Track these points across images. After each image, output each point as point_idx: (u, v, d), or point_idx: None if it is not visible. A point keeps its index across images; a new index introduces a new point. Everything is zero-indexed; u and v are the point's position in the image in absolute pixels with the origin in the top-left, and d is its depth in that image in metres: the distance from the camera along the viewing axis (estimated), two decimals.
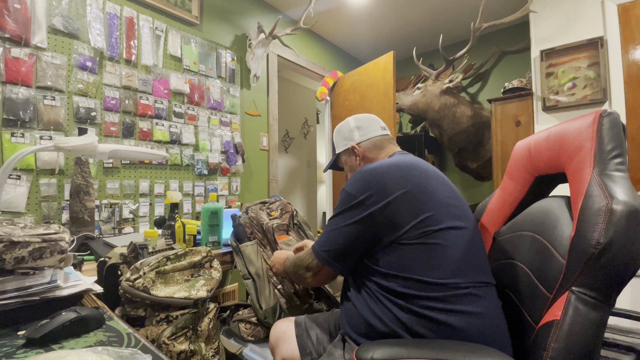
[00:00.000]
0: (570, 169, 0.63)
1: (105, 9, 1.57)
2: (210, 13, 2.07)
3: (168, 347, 0.77)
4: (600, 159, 0.56)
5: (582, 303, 0.51)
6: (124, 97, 1.62)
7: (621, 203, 0.49)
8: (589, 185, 0.55)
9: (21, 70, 1.30)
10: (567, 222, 0.62)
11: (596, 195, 0.53)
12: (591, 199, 0.53)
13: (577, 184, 0.59)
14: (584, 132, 0.61)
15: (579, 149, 0.61)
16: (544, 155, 0.72)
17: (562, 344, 0.50)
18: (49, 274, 0.61)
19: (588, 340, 0.49)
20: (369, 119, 0.96)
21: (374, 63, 2.64)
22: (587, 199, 0.54)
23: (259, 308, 1.18)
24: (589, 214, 0.52)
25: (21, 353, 0.47)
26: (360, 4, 2.54)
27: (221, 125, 2.08)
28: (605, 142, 0.57)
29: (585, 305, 0.51)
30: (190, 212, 1.92)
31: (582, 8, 2.01)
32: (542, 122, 2.15)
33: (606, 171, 0.55)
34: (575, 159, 0.61)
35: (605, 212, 0.50)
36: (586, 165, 0.58)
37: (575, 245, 0.53)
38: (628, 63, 1.85)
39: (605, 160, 0.56)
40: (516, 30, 2.77)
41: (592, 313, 0.50)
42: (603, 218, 0.49)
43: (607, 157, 0.56)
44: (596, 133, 0.58)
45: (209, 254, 0.96)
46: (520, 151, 0.81)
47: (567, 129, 0.66)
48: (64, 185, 1.42)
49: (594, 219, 0.51)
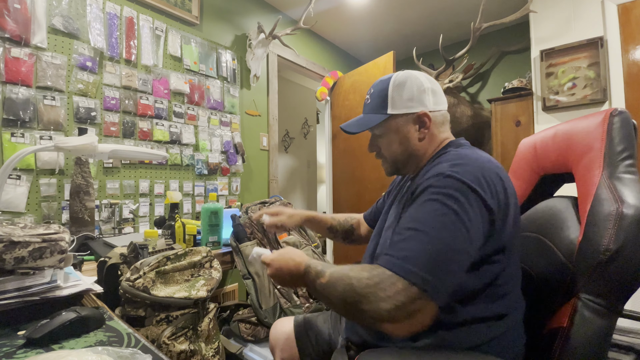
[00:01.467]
0: (579, 170, 0.61)
1: (105, 9, 1.57)
2: (210, 13, 2.07)
3: (168, 347, 0.77)
4: (610, 160, 0.54)
5: (589, 310, 0.49)
6: (124, 97, 1.62)
7: (632, 207, 0.47)
8: (598, 187, 0.53)
9: (21, 70, 1.30)
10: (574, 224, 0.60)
11: (606, 198, 0.50)
12: (600, 202, 0.51)
13: (586, 185, 0.57)
14: (594, 131, 0.58)
15: (588, 149, 0.59)
16: (551, 154, 0.69)
17: (567, 352, 0.49)
18: (49, 274, 0.61)
19: (594, 349, 0.48)
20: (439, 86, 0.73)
21: (374, 63, 2.64)
22: (596, 202, 0.52)
23: (259, 308, 1.18)
24: (598, 218, 0.50)
25: (21, 353, 0.47)
26: (360, 4, 2.53)
27: (221, 125, 2.08)
28: (615, 143, 0.55)
29: (593, 312, 0.49)
30: (190, 212, 1.92)
31: (582, 8, 2.01)
32: (542, 122, 2.15)
33: (616, 173, 0.53)
34: (584, 160, 0.59)
35: (616, 216, 0.47)
36: (595, 167, 0.56)
37: (583, 251, 0.51)
38: (628, 63, 1.85)
39: (616, 161, 0.54)
40: (516, 30, 2.77)
41: (599, 321, 0.48)
42: (613, 223, 0.47)
43: (618, 159, 0.54)
44: (606, 133, 0.56)
45: (209, 254, 0.96)
46: (526, 149, 0.79)
47: (576, 127, 0.63)
48: (64, 185, 1.42)
49: (603, 224, 0.48)
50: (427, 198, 0.54)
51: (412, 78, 0.69)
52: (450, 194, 0.52)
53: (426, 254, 0.49)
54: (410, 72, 0.70)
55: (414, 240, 0.51)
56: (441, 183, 0.54)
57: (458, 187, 0.52)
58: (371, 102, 0.71)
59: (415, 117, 0.67)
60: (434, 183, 0.55)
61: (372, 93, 0.72)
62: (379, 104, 0.69)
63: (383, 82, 0.70)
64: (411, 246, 0.51)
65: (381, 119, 0.68)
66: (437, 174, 0.56)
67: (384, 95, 0.69)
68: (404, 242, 0.52)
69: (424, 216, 0.53)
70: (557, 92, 2.07)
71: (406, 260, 0.49)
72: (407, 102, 0.67)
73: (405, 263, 0.49)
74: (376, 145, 0.73)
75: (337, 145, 3.04)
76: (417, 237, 0.51)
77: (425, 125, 0.67)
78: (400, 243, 0.52)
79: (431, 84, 0.69)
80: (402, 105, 0.67)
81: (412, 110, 0.67)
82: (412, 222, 0.54)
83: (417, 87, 0.68)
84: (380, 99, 0.69)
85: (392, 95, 0.68)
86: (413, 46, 3.15)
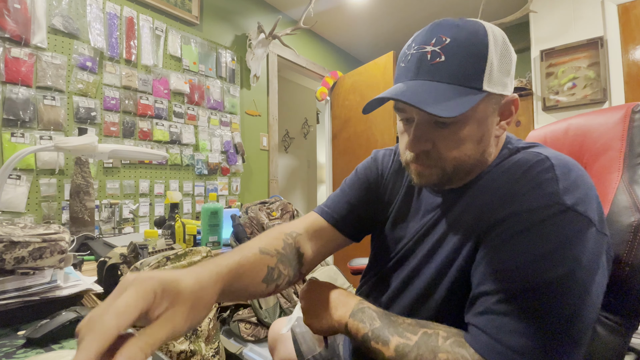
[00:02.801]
0: (594, 170, 0.55)
1: (105, 9, 1.57)
2: (210, 13, 2.07)
3: (168, 347, 0.77)
4: (630, 163, 0.49)
5: (603, 327, 0.45)
6: (124, 97, 1.62)
7: None
8: (617, 192, 0.48)
9: (21, 70, 1.30)
10: None
11: (626, 206, 0.46)
12: (619, 210, 0.46)
13: (602, 189, 0.51)
14: (612, 129, 0.53)
15: (605, 148, 0.53)
16: (562, 150, 0.62)
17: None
18: (49, 274, 0.61)
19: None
20: None
21: (374, 63, 2.64)
22: (614, 210, 0.47)
23: (258, 308, 1.18)
24: (617, 228, 0.45)
25: (21, 353, 0.47)
26: (360, 4, 2.54)
27: (221, 125, 2.08)
28: (636, 143, 0.50)
29: (607, 330, 0.44)
30: (190, 212, 1.92)
31: (582, 8, 2.01)
32: (542, 122, 2.15)
33: (637, 177, 0.48)
34: (601, 160, 0.54)
35: (637, 228, 0.43)
36: (614, 169, 0.51)
37: None
38: (628, 63, 1.85)
39: (637, 164, 0.49)
40: (516, 30, 2.77)
41: (613, 339, 0.44)
42: (634, 235, 0.43)
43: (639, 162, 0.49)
44: (627, 132, 0.51)
45: (209, 254, 0.96)
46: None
47: (592, 123, 0.57)
48: (64, 185, 1.42)
49: (622, 235, 0.44)
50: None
51: (508, 46, 0.45)
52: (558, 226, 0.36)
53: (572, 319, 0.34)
54: (504, 38, 0.45)
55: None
56: (561, 222, 0.36)
57: (572, 219, 0.36)
58: (448, 61, 0.42)
59: (506, 102, 0.46)
60: (547, 219, 0.37)
61: (447, 44, 0.42)
62: (469, 71, 0.42)
63: (473, 34, 0.43)
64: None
65: (477, 99, 0.42)
66: (548, 204, 0.37)
67: (482, 56, 0.42)
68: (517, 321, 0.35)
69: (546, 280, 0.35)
70: (557, 92, 2.07)
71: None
72: (504, 77, 0.44)
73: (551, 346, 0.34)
74: (430, 141, 0.46)
75: (337, 145, 3.04)
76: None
77: (511, 116, 0.47)
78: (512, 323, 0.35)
79: (513, 62, 0.47)
80: (499, 81, 0.43)
81: (506, 92, 0.45)
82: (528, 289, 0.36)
83: (510, 60, 0.45)
84: (472, 62, 0.42)
85: (493, 61, 0.42)
86: None
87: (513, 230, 0.39)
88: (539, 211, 0.38)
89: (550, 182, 0.38)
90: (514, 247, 0.38)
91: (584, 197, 0.37)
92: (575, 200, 0.37)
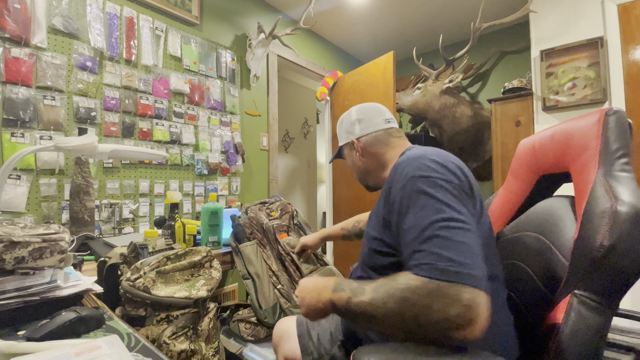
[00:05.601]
0: (575, 169, 0.62)
1: (105, 9, 1.57)
2: (210, 13, 2.07)
3: (168, 347, 0.77)
4: (605, 159, 0.55)
5: (584, 307, 0.50)
6: (124, 97, 1.62)
7: (626, 205, 0.47)
8: (594, 185, 0.54)
9: (21, 70, 1.30)
10: (571, 223, 0.61)
11: (601, 196, 0.51)
12: (595, 200, 0.52)
13: (582, 184, 0.58)
14: (590, 130, 0.59)
15: (584, 148, 0.59)
16: (549, 154, 0.70)
17: (562, 348, 0.50)
18: (49, 274, 0.61)
19: (590, 345, 0.48)
20: (372, 111, 0.85)
21: (374, 63, 2.64)
22: (591, 200, 0.52)
23: (258, 308, 1.18)
24: (593, 215, 0.50)
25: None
26: (360, 4, 2.53)
27: (221, 125, 2.08)
28: (611, 142, 0.55)
29: (588, 309, 0.49)
30: (190, 212, 1.92)
31: (582, 8, 2.01)
32: (542, 122, 2.15)
33: (612, 171, 0.53)
34: (581, 159, 0.60)
35: (610, 213, 0.48)
36: (591, 165, 0.57)
37: (579, 248, 0.52)
38: (628, 63, 1.85)
39: (611, 160, 0.54)
40: (516, 30, 2.77)
41: (594, 317, 0.49)
42: (607, 220, 0.48)
43: (613, 157, 0.54)
44: (602, 132, 0.57)
45: (209, 253, 0.96)
46: (525, 149, 0.80)
47: (573, 127, 0.64)
48: (64, 185, 1.42)
49: (598, 221, 0.49)
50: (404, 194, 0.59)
51: (347, 115, 0.88)
52: (424, 190, 0.56)
53: (464, 248, 0.48)
54: (348, 111, 0.89)
55: (434, 239, 0.49)
56: (414, 185, 0.57)
57: (432, 183, 0.57)
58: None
59: (350, 144, 0.86)
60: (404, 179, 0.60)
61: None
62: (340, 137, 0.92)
63: (338, 123, 0.93)
64: (430, 246, 0.49)
65: (339, 149, 0.93)
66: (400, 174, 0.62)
67: (339, 131, 0.92)
68: (430, 244, 0.49)
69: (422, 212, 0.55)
70: (557, 92, 2.07)
71: (441, 261, 0.47)
72: (345, 134, 0.88)
73: (441, 264, 0.47)
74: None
75: (337, 145, 3.04)
76: (444, 235, 0.49)
77: (356, 148, 0.84)
78: (427, 245, 0.49)
79: (358, 115, 0.85)
80: (343, 137, 0.89)
81: (348, 140, 0.86)
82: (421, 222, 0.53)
83: (348, 122, 0.87)
84: (338, 134, 0.93)
85: (339, 131, 0.91)
86: (413, 46, 3.15)
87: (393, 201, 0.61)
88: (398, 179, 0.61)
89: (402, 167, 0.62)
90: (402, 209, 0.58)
91: (429, 169, 0.57)
92: (423, 171, 0.57)
